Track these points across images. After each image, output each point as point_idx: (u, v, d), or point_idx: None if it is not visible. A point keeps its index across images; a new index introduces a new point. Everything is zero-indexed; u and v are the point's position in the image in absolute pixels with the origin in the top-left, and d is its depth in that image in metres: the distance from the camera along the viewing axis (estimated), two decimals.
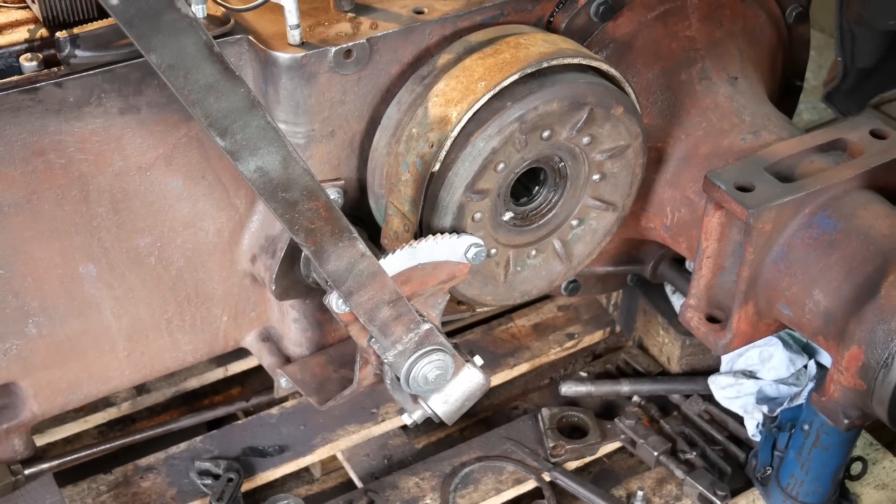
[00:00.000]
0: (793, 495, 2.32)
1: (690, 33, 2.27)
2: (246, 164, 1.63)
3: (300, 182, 1.68)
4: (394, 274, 1.88)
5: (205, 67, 1.53)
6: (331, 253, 1.77)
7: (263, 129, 1.61)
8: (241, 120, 1.59)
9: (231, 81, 1.56)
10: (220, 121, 1.57)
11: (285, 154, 1.65)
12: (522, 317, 2.88)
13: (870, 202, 2.08)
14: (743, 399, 2.54)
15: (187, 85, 1.53)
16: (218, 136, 1.58)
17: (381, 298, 1.86)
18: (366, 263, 1.81)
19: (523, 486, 2.46)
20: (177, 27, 1.48)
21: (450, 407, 2.05)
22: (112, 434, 2.61)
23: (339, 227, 1.76)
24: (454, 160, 1.92)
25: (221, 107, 1.56)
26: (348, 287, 1.81)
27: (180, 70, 1.52)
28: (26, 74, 1.74)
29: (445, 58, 1.98)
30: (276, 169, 1.65)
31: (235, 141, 1.60)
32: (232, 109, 1.57)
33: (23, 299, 1.96)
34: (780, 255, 2.09)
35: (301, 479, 2.56)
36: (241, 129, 1.59)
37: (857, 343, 1.97)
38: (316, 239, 1.74)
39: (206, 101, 1.55)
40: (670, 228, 2.34)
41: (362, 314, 1.85)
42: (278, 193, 1.67)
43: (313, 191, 1.70)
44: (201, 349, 2.26)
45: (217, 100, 1.56)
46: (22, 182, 1.83)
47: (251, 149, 1.61)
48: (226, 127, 1.58)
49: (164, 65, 1.50)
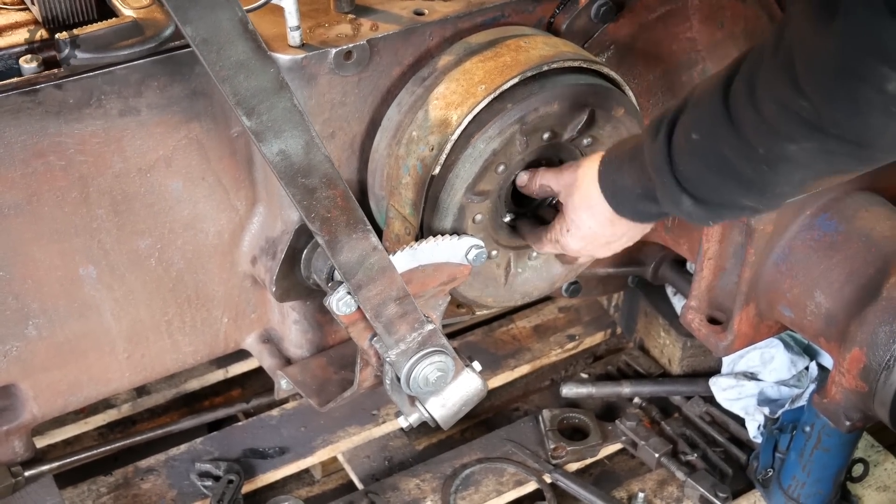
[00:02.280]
0: (794, 497, 2.32)
1: (691, 35, 2.27)
2: (269, 147, 1.62)
3: (320, 169, 1.67)
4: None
5: (238, 44, 1.53)
6: (344, 244, 1.76)
7: (289, 111, 1.61)
8: (268, 101, 1.58)
9: (262, 61, 1.56)
10: (247, 100, 1.57)
11: (308, 139, 1.65)
12: (523, 318, 2.88)
13: (871, 204, 2.08)
14: (744, 401, 2.54)
15: (219, 60, 1.53)
16: (245, 115, 1.58)
17: (388, 294, 1.85)
18: (377, 257, 1.81)
19: (524, 487, 2.46)
20: (214, 1, 1.48)
21: (447, 411, 2.05)
22: (112, 436, 2.61)
23: (354, 218, 1.75)
24: (455, 162, 1.92)
25: (251, 85, 1.56)
26: (358, 280, 1.81)
27: (213, 45, 1.51)
28: (26, 76, 1.74)
29: (446, 59, 1.97)
30: (298, 153, 1.64)
31: (261, 122, 1.59)
32: (261, 89, 1.57)
33: (23, 301, 1.96)
34: (782, 256, 2.09)
35: (302, 480, 2.56)
36: (267, 111, 1.59)
37: (858, 345, 1.97)
38: (331, 228, 1.73)
39: (237, 78, 1.55)
40: (671, 230, 2.34)
41: (369, 309, 1.85)
42: (298, 179, 1.66)
43: (332, 179, 1.70)
44: (201, 351, 2.25)
45: (247, 78, 1.55)
46: (22, 184, 1.82)
47: (276, 131, 1.61)
48: (253, 107, 1.58)
49: (198, 38, 1.50)
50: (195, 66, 1.85)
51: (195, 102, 1.89)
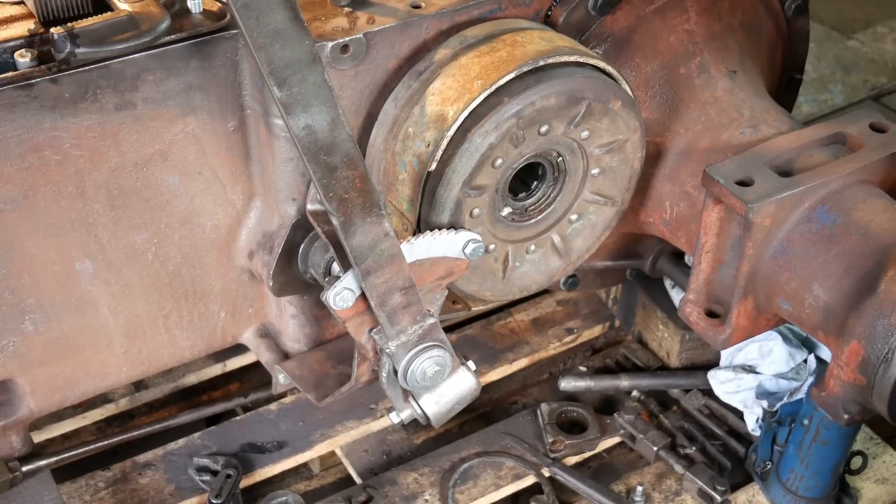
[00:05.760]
0: (793, 490, 2.32)
1: (689, 27, 2.26)
2: (296, 120, 1.63)
3: (343, 148, 1.68)
4: None
5: (277, 12, 1.55)
6: (358, 227, 1.76)
7: (319, 86, 1.62)
8: (300, 73, 1.60)
9: (298, 31, 1.57)
10: (280, 70, 1.58)
11: (334, 116, 1.66)
12: (521, 312, 2.88)
13: (869, 196, 2.08)
14: (743, 394, 2.54)
15: (257, 27, 1.54)
16: (276, 85, 1.59)
17: (395, 283, 1.85)
18: (388, 244, 1.81)
19: (522, 481, 2.45)
20: None
21: (440, 408, 2.05)
22: (110, 430, 2.61)
23: (370, 201, 1.75)
24: (451, 157, 1.92)
25: (285, 55, 1.58)
26: (368, 266, 1.80)
27: (253, 10, 1.53)
28: (21, 70, 1.73)
29: (442, 53, 1.97)
30: (323, 129, 1.65)
31: (291, 94, 1.61)
32: (294, 60, 1.59)
33: (19, 296, 1.96)
34: (780, 249, 2.08)
35: (300, 475, 2.56)
36: (298, 83, 1.60)
37: (856, 338, 1.96)
38: (347, 210, 1.74)
39: (273, 47, 1.56)
40: (669, 223, 2.33)
41: (375, 297, 1.84)
42: (321, 156, 1.67)
43: (354, 159, 1.70)
44: (199, 345, 2.25)
45: (282, 47, 1.57)
46: (18, 178, 1.82)
47: (304, 104, 1.62)
48: (285, 77, 1.59)
49: (239, 2, 1.52)
50: (191, 61, 1.85)
51: (191, 97, 1.89)
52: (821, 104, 4.00)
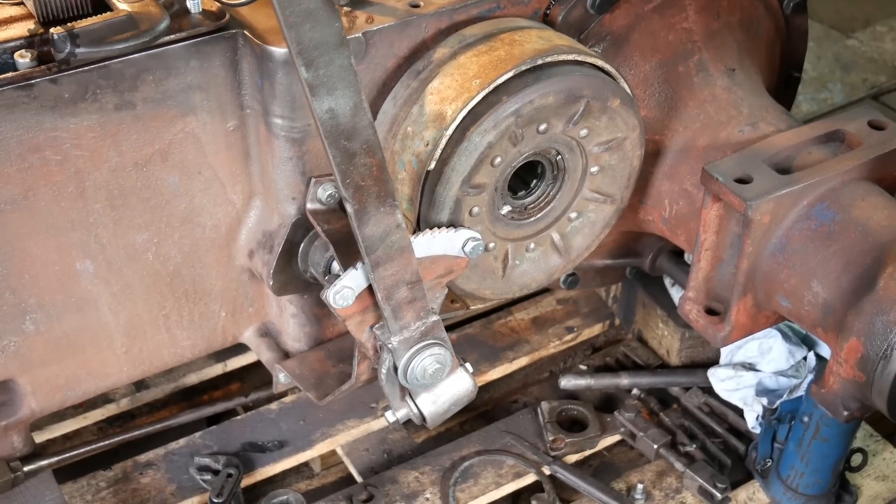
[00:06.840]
0: (793, 487, 2.32)
1: (687, 25, 2.26)
2: (321, 103, 1.63)
3: (363, 134, 1.68)
4: None
5: None
6: (371, 216, 1.76)
7: (345, 69, 1.63)
8: (328, 55, 1.60)
9: (329, 13, 1.57)
10: (309, 50, 1.58)
11: (357, 101, 1.66)
12: (521, 310, 2.88)
13: (868, 193, 2.08)
14: (742, 391, 2.54)
15: (290, 5, 1.54)
16: (304, 65, 1.59)
17: (402, 277, 1.85)
18: (399, 235, 1.81)
19: (523, 479, 2.46)
20: None
21: (437, 408, 2.04)
22: (111, 430, 2.61)
23: (385, 191, 1.75)
24: (450, 155, 1.92)
25: (315, 36, 1.58)
26: (377, 257, 1.81)
27: None
28: (21, 71, 1.74)
29: (441, 52, 1.97)
30: (345, 114, 1.65)
31: (318, 75, 1.61)
32: (323, 41, 1.59)
33: (20, 296, 1.96)
34: (779, 246, 2.09)
35: (301, 474, 2.56)
36: (325, 65, 1.60)
37: (855, 335, 1.97)
38: (362, 197, 1.74)
39: (303, 26, 1.56)
40: (669, 221, 2.34)
41: (382, 289, 1.85)
42: (341, 141, 1.67)
43: (373, 147, 1.70)
44: (199, 345, 2.26)
45: (312, 28, 1.57)
46: (18, 179, 1.82)
47: (329, 87, 1.62)
48: (313, 59, 1.59)
49: None
50: (190, 61, 1.85)
51: (191, 96, 1.89)
52: (820, 103, 4.00)
